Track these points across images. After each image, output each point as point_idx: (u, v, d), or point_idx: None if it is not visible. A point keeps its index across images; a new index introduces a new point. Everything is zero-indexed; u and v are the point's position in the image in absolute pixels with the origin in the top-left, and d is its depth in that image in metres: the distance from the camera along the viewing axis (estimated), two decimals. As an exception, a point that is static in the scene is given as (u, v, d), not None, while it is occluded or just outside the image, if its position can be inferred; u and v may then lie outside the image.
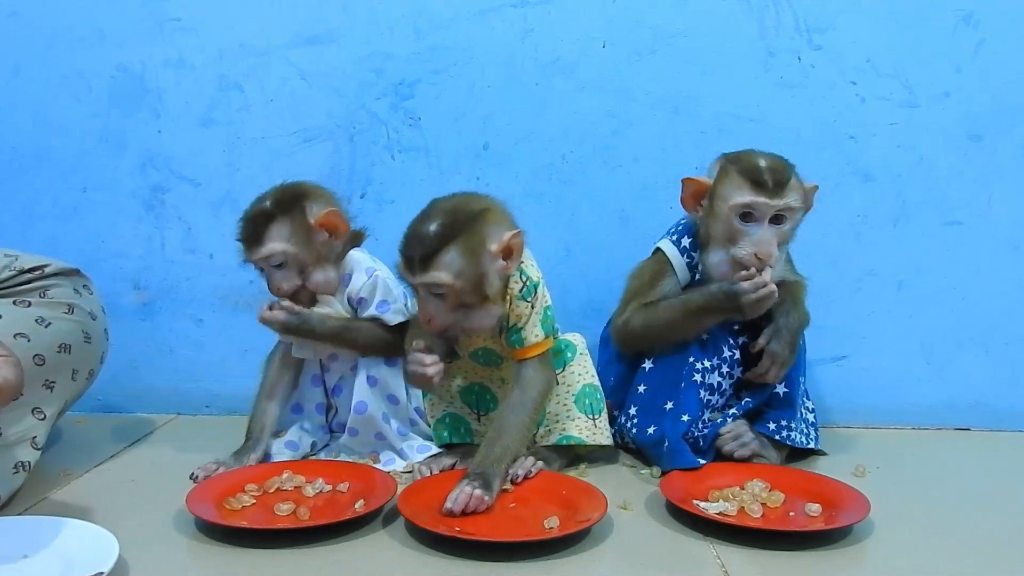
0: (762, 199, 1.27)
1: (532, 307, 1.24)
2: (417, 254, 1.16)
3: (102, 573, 0.92)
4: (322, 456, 1.40)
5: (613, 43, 1.63)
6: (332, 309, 1.38)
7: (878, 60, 1.60)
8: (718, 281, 1.32)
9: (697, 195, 1.36)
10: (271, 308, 1.33)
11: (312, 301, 1.38)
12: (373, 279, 1.36)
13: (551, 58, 1.64)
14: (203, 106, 1.68)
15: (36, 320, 1.25)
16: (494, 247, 1.18)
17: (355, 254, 1.39)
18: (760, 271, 1.27)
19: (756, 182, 1.28)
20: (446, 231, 1.15)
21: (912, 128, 1.61)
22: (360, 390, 1.36)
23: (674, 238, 1.41)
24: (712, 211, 1.33)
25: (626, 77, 1.63)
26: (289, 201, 1.35)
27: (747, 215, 1.29)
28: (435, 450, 1.38)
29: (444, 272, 1.15)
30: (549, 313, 1.28)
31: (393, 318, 1.36)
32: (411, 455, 1.37)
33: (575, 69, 1.63)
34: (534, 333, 1.24)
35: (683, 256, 1.39)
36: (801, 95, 1.62)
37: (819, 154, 1.61)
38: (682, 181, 1.37)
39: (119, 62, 1.68)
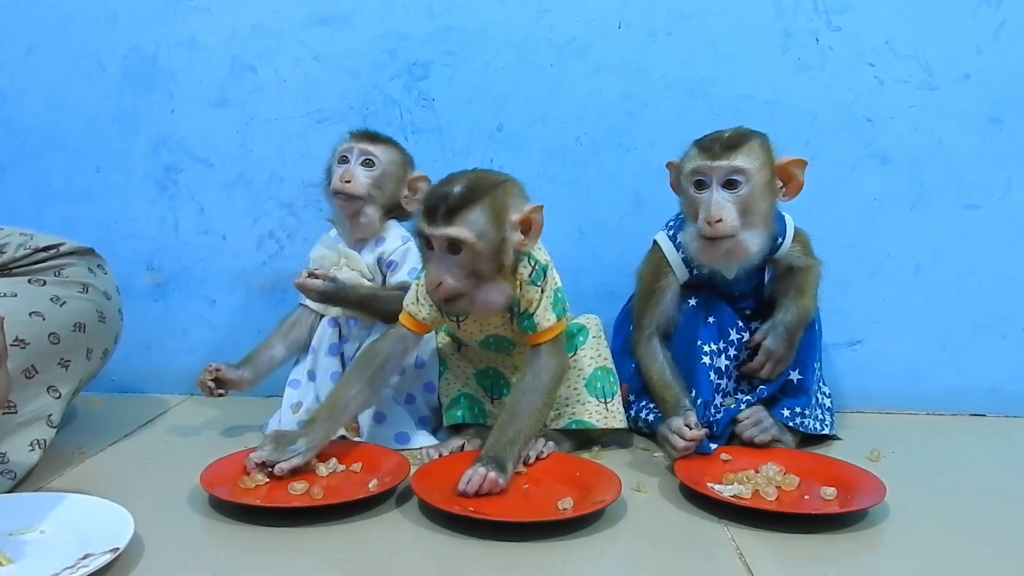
0: (706, 162, 1.26)
1: (542, 291, 1.24)
2: (443, 206, 1.15)
3: (117, 548, 0.92)
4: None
5: (629, 24, 1.61)
6: (361, 267, 1.42)
7: (897, 42, 1.58)
8: (697, 258, 1.31)
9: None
10: (309, 276, 1.36)
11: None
12: (407, 245, 1.42)
13: (566, 39, 1.62)
14: (216, 87, 1.67)
15: (51, 299, 1.25)
16: (515, 216, 1.18)
17: (394, 223, 1.47)
18: (713, 237, 1.25)
19: (703, 147, 1.28)
20: (473, 191, 1.16)
21: (930, 111, 1.59)
22: None
23: (671, 232, 1.39)
24: (681, 189, 1.33)
25: (641, 59, 1.62)
26: (407, 153, 1.49)
27: (700, 183, 1.28)
28: (433, 440, 1.38)
29: (467, 228, 1.14)
30: (559, 295, 1.27)
31: None
32: (416, 440, 1.38)
33: (590, 50, 1.62)
34: (546, 317, 1.24)
35: (679, 252, 1.36)
36: (819, 77, 1.60)
37: (836, 137, 1.60)
38: (667, 166, 1.36)
39: (132, 43, 1.67)
